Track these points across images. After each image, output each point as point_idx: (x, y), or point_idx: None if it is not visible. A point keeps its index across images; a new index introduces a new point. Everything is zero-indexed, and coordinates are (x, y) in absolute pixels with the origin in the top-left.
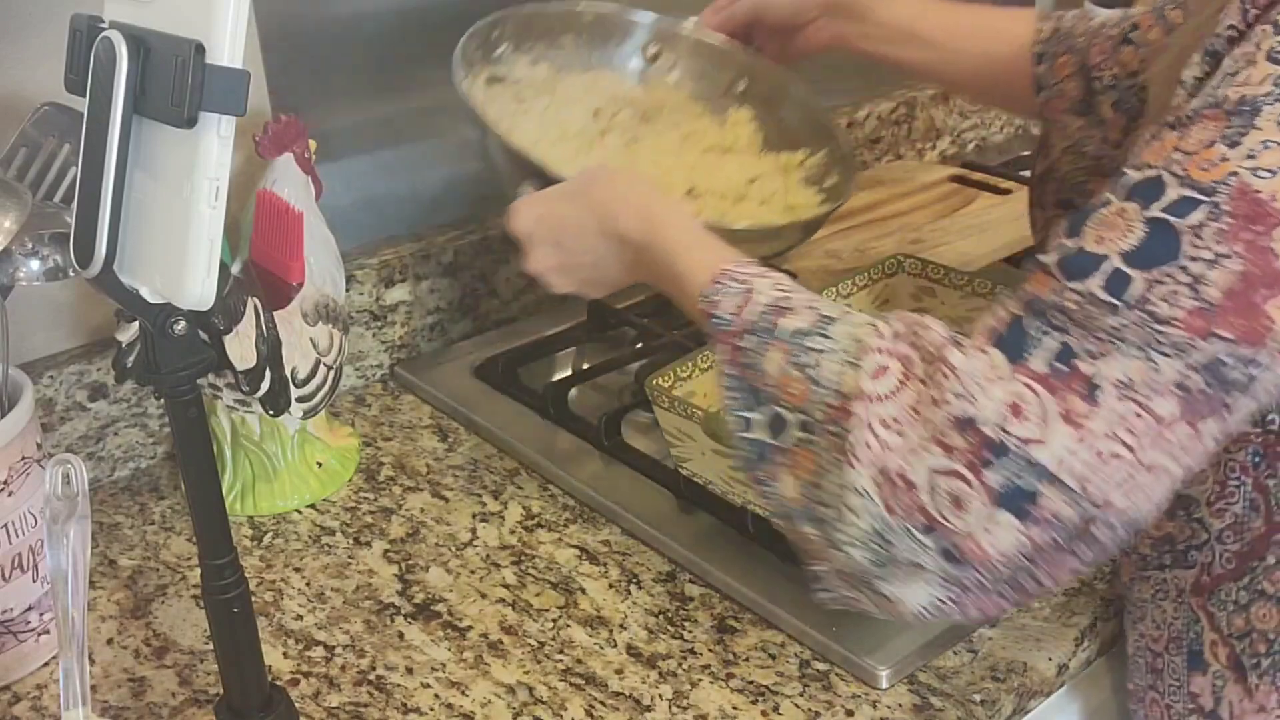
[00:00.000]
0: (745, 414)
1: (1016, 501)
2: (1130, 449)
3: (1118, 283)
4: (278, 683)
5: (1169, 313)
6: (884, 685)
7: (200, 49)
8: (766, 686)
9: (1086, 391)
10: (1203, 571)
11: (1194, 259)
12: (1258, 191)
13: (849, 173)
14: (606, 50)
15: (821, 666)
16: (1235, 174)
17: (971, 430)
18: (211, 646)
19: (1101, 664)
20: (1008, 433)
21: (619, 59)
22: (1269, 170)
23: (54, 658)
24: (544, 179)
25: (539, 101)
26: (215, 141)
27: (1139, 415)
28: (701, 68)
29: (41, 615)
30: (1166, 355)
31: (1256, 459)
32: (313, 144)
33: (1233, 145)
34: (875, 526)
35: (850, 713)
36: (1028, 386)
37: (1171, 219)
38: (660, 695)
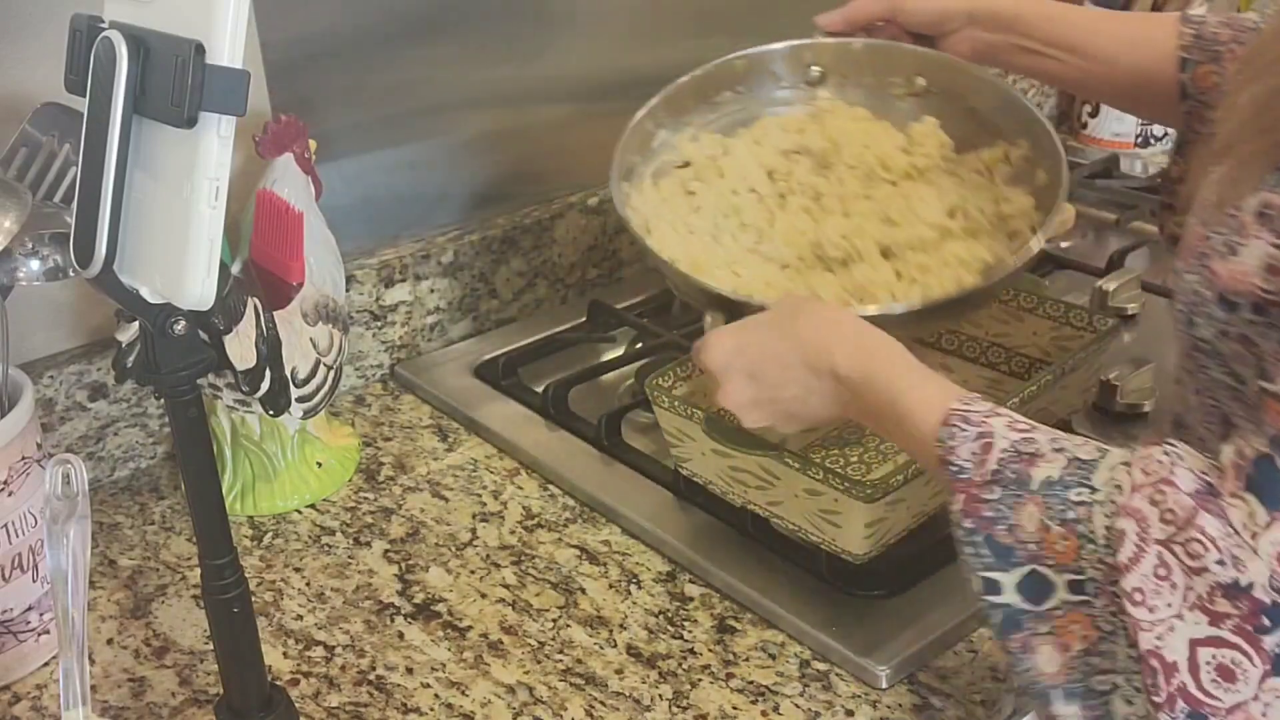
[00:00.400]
0: (991, 575)
1: None
2: None
3: None
4: (278, 683)
5: None
6: (884, 685)
7: (200, 49)
8: (766, 686)
9: None
10: None
11: None
12: None
13: (1058, 171)
14: (766, 91)
15: (821, 666)
16: None
17: (1244, 597)
18: (211, 646)
19: None
20: None
21: (780, 95)
22: None
23: (54, 658)
24: (731, 308)
25: (709, 186)
26: (215, 141)
27: None
28: (869, 77)
29: (41, 615)
30: None
31: None
32: (313, 144)
33: None
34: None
35: (850, 713)
36: None
37: None
38: (660, 695)
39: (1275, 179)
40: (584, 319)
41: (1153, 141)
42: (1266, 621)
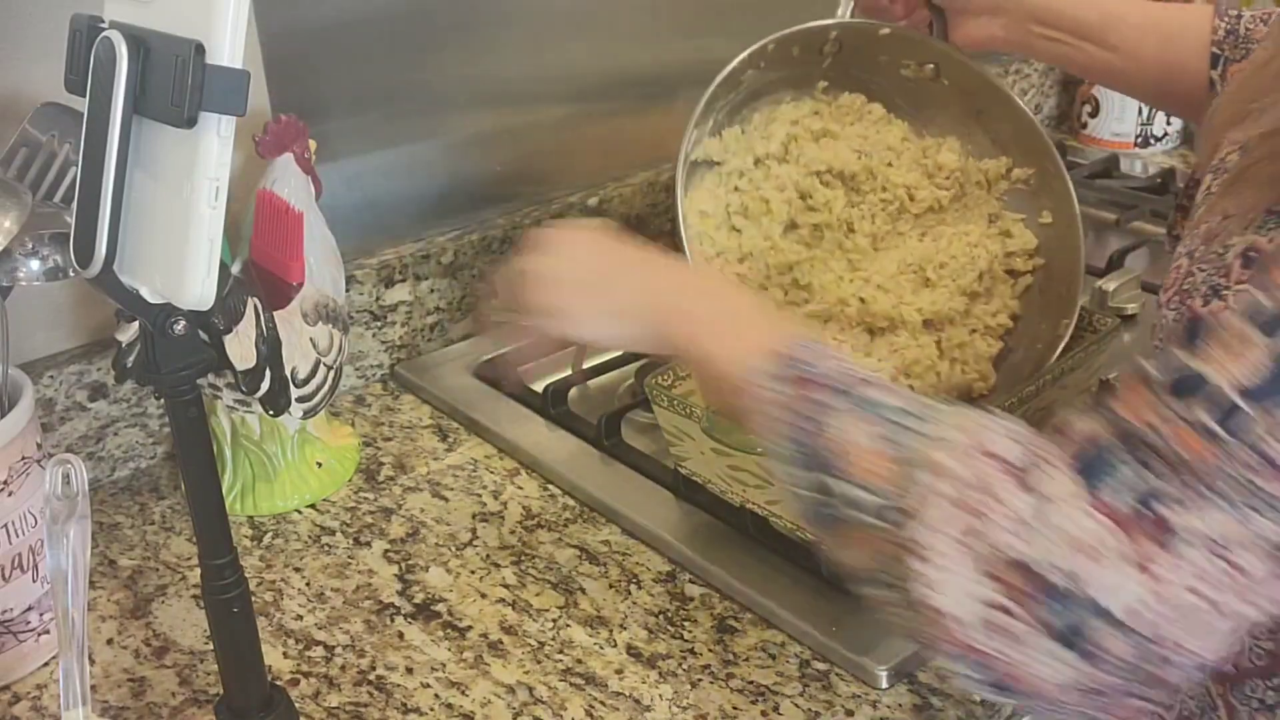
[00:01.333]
0: (795, 470)
1: (1074, 638)
2: (1211, 601)
3: (1229, 415)
4: (278, 683)
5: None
6: (884, 685)
7: (200, 49)
8: (766, 686)
9: (1165, 539)
10: (1228, 660)
11: None
12: None
13: (1070, 217)
14: (782, 67)
15: (821, 666)
16: None
17: (1025, 570)
18: (211, 646)
19: None
20: (1064, 572)
21: (794, 74)
22: None
23: (54, 658)
24: None
25: (755, 225)
26: (215, 141)
27: (1225, 571)
28: (883, 56)
29: (41, 615)
30: (1264, 516)
31: None
32: (313, 144)
33: None
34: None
35: (850, 713)
36: (1099, 522)
37: None
38: (660, 695)
39: (1267, 220)
40: None
41: (1153, 141)
42: (1045, 597)
